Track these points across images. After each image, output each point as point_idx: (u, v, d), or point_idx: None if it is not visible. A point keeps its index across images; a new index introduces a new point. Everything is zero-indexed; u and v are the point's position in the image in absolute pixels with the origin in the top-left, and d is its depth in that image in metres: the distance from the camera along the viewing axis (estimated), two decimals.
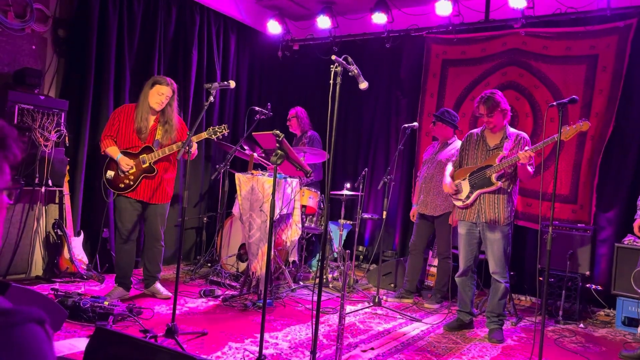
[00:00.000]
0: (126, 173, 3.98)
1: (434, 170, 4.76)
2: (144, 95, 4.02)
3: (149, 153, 3.99)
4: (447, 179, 4.05)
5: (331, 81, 2.56)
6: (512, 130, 3.88)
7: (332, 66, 2.58)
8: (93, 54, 4.81)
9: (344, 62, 2.61)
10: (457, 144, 4.75)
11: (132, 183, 3.99)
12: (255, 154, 5.10)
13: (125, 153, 3.99)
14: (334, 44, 6.46)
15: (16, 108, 4.16)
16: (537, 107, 5.32)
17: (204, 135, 3.97)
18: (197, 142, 3.99)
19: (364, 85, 2.76)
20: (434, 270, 5.01)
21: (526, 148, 3.63)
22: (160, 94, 3.96)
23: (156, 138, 4.03)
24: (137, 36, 5.23)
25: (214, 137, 3.92)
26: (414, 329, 3.99)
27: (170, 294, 4.19)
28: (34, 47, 4.60)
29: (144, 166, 3.98)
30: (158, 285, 4.25)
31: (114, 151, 3.99)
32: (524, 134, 3.86)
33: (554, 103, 3.11)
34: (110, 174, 4.02)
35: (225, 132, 3.93)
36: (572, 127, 3.38)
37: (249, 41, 6.72)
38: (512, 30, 5.42)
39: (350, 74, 2.68)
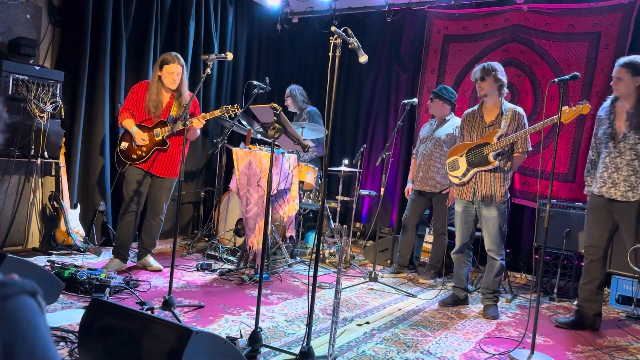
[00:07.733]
0: (139, 145, 4.08)
1: (432, 147, 4.74)
2: (154, 76, 4.09)
3: (163, 127, 4.08)
4: None
5: (330, 53, 2.52)
6: (509, 105, 3.84)
7: (331, 38, 2.53)
8: (89, 24, 4.72)
9: (344, 34, 2.56)
10: (455, 120, 4.72)
11: (144, 155, 4.10)
12: (253, 129, 5.06)
13: (140, 126, 4.08)
14: (333, 18, 6.36)
15: (11, 78, 4.11)
16: (538, 85, 5.27)
17: (216, 113, 4.01)
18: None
19: (363, 58, 2.71)
20: (429, 246, 5.03)
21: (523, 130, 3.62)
22: (170, 73, 4.02)
23: (171, 114, 4.12)
24: (133, 6, 5.13)
25: (226, 115, 3.98)
26: (410, 304, 4.02)
27: (161, 266, 4.30)
28: (28, 16, 4.51)
29: (157, 139, 4.09)
30: (150, 258, 4.33)
31: (129, 124, 4.08)
32: (520, 110, 3.81)
33: (555, 80, 3.07)
34: (124, 145, 4.14)
35: (238, 112, 3.99)
36: (571, 109, 3.34)
37: (248, 14, 6.61)
38: (515, 5, 5.34)
39: (349, 46, 2.63)
